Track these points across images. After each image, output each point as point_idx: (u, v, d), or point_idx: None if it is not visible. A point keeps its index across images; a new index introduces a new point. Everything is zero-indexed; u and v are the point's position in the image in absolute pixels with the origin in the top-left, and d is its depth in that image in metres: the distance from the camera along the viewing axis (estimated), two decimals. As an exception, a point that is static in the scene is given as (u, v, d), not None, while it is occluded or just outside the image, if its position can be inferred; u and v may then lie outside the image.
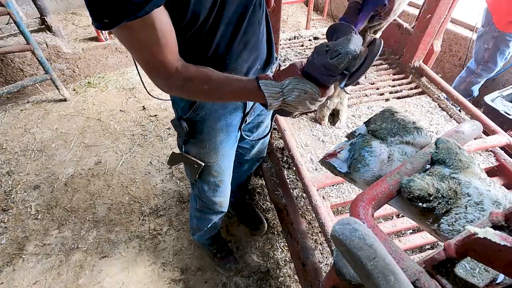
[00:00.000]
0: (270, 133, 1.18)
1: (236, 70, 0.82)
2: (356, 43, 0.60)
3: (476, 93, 2.43)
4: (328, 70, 0.62)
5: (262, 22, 0.83)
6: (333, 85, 0.68)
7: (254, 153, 1.38)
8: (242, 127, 1.03)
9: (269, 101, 0.67)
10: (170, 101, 0.98)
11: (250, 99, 0.75)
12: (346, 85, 0.65)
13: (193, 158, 1.00)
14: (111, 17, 0.55)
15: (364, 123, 0.66)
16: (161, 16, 0.58)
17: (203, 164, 1.01)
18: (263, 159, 1.53)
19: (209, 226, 1.42)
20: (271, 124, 1.15)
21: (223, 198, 1.26)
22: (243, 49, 0.79)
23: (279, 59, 1.07)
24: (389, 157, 0.57)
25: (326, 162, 0.64)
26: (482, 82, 2.35)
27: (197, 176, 1.06)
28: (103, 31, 2.90)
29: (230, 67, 0.80)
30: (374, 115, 0.66)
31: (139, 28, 0.57)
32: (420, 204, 0.46)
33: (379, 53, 0.65)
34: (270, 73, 0.97)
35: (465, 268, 0.39)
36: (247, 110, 0.99)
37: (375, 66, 1.80)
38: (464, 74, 2.37)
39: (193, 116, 0.90)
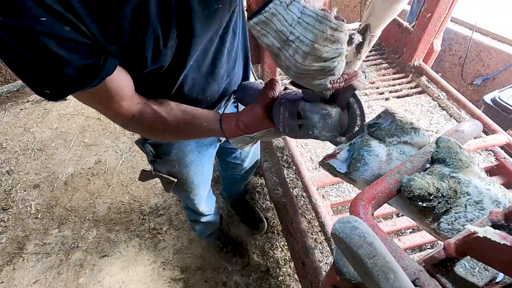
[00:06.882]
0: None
1: (207, 100, 0.76)
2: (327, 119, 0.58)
3: None
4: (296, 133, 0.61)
5: (238, 47, 0.75)
6: None
7: (246, 165, 1.36)
8: (222, 143, 0.99)
9: (237, 145, 0.67)
10: None
11: (217, 136, 0.70)
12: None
13: (165, 176, 0.96)
14: (52, 89, 0.47)
15: (368, 125, 0.66)
16: (115, 77, 0.52)
17: (175, 180, 0.97)
18: (256, 163, 1.48)
19: (203, 226, 1.47)
20: None
21: (203, 208, 1.25)
22: (212, 81, 0.72)
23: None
24: (388, 156, 0.58)
25: (325, 163, 0.64)
26: None
27: (170, 190, 1.03)
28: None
29: (200, 100, 0.74)
30: (375, 118, 0.65)
31: (90, 92, 0.51)
32: (420, 203, 0.46)
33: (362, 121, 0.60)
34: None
35: (465, 267, 0.39)
36: None
37: (375, 66, 1.80)
38: None
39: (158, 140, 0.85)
